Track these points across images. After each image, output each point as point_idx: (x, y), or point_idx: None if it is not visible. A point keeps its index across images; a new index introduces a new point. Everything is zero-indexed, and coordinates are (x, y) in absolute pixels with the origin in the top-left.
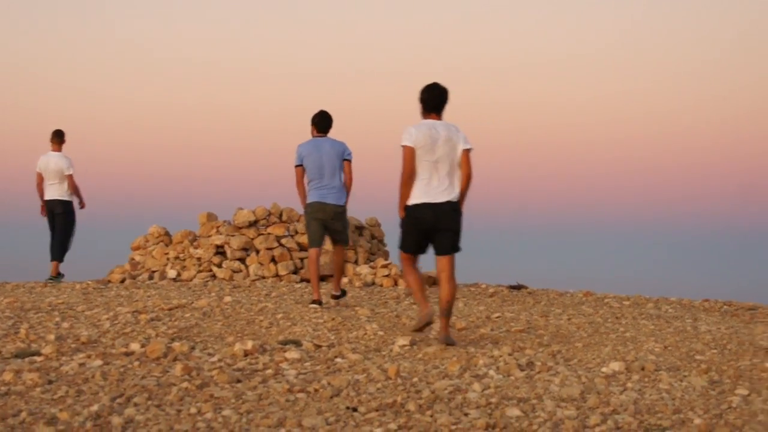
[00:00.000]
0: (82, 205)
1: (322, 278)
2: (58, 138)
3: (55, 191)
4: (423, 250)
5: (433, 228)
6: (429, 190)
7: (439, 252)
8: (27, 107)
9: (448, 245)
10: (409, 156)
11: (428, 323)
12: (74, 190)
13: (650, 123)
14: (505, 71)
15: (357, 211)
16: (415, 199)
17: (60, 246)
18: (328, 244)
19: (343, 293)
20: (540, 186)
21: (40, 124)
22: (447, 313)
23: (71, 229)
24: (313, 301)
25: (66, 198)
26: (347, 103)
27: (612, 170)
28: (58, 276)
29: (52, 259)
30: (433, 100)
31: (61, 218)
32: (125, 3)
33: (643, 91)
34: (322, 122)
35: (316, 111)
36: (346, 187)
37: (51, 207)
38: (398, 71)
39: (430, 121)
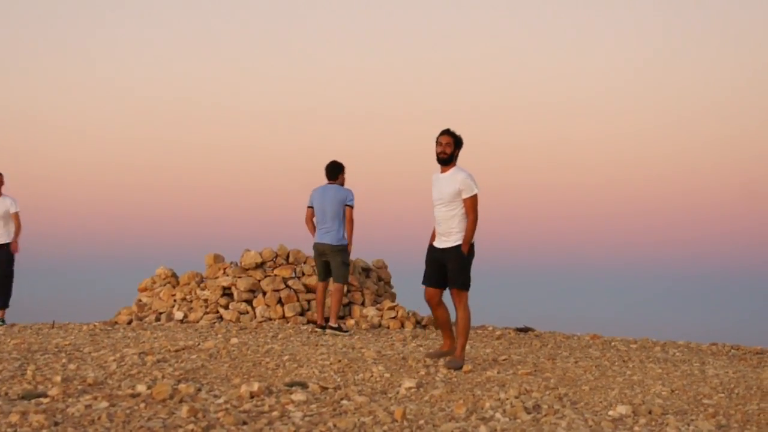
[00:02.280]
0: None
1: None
2: None
3: None
4: None
5: None
6: None
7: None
8: (39, 150)
9: None
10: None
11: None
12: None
13: (658, 165)
14: (511, 113)
15: (364, 252)
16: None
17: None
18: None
19: (339, 328)
20: (547, 228)
21: (46, 167)
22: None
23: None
24: (317, 325)
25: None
26: (357, 146)
27: (620, 213)
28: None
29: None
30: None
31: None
32: (136, 48)
33: (648, 134)
34: (329, 171)
35: (323, 152)
36: (347, 230)
37: None
38: (410, 115)
39: None
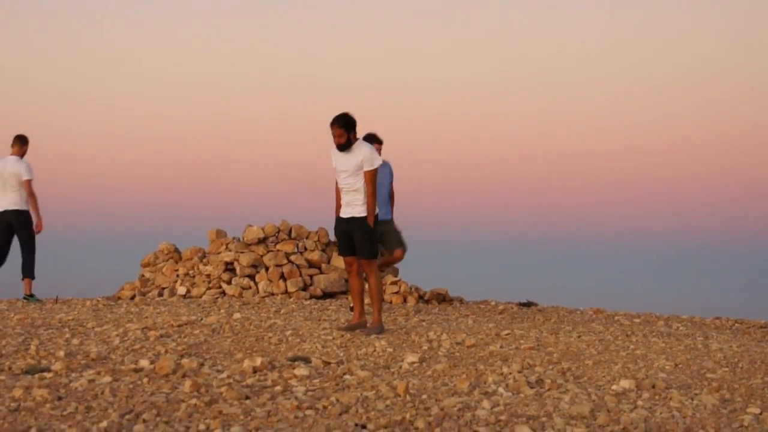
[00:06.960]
0: (38, 227)
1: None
2: (20, 142)
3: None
4: None
5: None
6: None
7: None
8: (46, 124)
9: None
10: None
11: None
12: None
13: (660, 132)
14: (512, 80)
15: None
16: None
17: (29, 261)
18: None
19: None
20: (549, 201)
21: (45, 140)
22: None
23: (33, 242)
24: None
25: (24, 207)
26: (362, 119)
27: (623, 183)
28: (32, 296)
29: (24, 277)
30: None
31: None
32: (127, 12)
33: (645, 98)
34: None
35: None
36: None
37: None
38: (409, 94)
39: None
